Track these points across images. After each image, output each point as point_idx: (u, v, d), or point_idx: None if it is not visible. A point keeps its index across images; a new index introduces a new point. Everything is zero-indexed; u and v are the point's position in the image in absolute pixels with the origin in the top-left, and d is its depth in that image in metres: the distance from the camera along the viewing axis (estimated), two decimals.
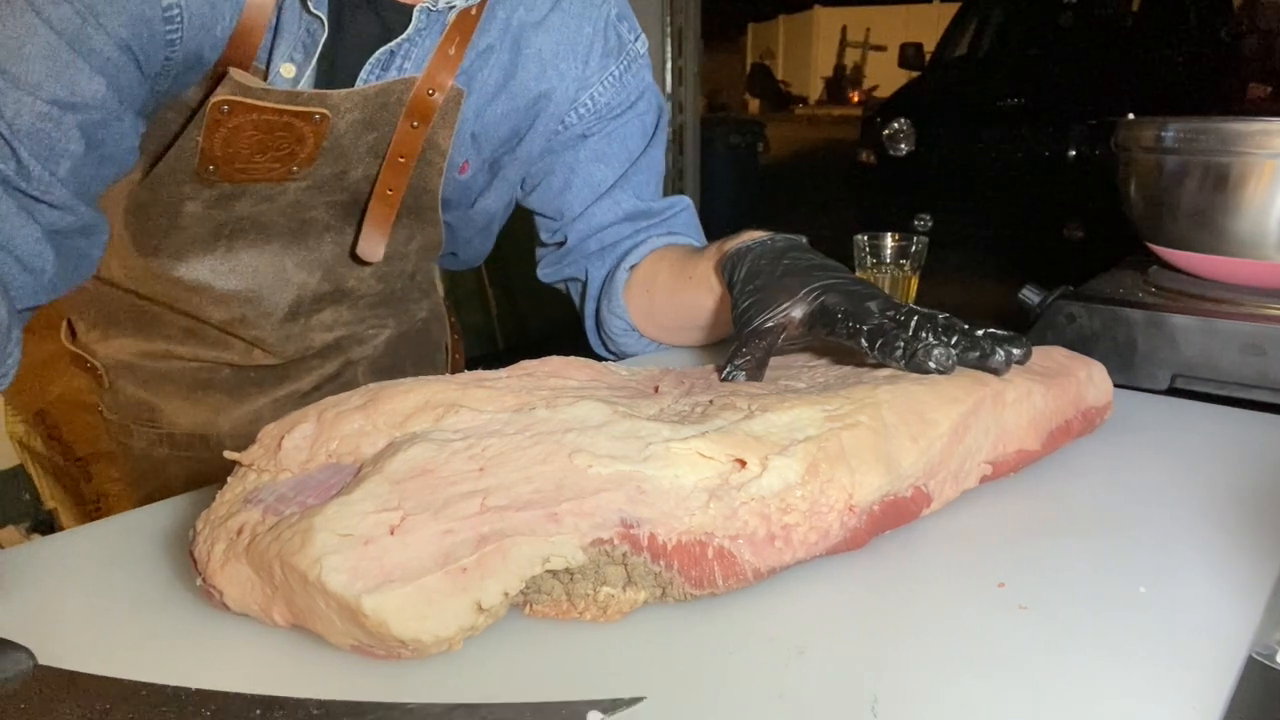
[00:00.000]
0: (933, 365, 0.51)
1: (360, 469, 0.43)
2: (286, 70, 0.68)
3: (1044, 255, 3.74)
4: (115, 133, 0.61)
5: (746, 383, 0.56)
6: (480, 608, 0.37)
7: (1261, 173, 0.80)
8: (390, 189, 0.74)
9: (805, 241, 0.64)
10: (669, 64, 3.81)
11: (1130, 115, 0.93)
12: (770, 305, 0.58)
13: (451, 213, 0.84)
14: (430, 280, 0.95)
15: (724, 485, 0.42)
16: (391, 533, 0.38)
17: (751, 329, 0.58)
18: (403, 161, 0.73)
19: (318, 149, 0.69)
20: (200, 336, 0.80)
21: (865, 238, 0.98)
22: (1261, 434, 0.62)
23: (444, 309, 0.99)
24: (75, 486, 0.87)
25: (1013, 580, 0.43)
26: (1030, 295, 0.92)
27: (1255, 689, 0.36)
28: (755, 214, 5.18)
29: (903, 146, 4.19)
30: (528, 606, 0.41)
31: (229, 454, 0.46)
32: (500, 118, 0.79)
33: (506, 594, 0.38)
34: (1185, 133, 0.85)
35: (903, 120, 4.20)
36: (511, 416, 0.46)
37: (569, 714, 0.32)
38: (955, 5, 4.98)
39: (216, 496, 0.44)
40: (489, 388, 0.49)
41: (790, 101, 14.99)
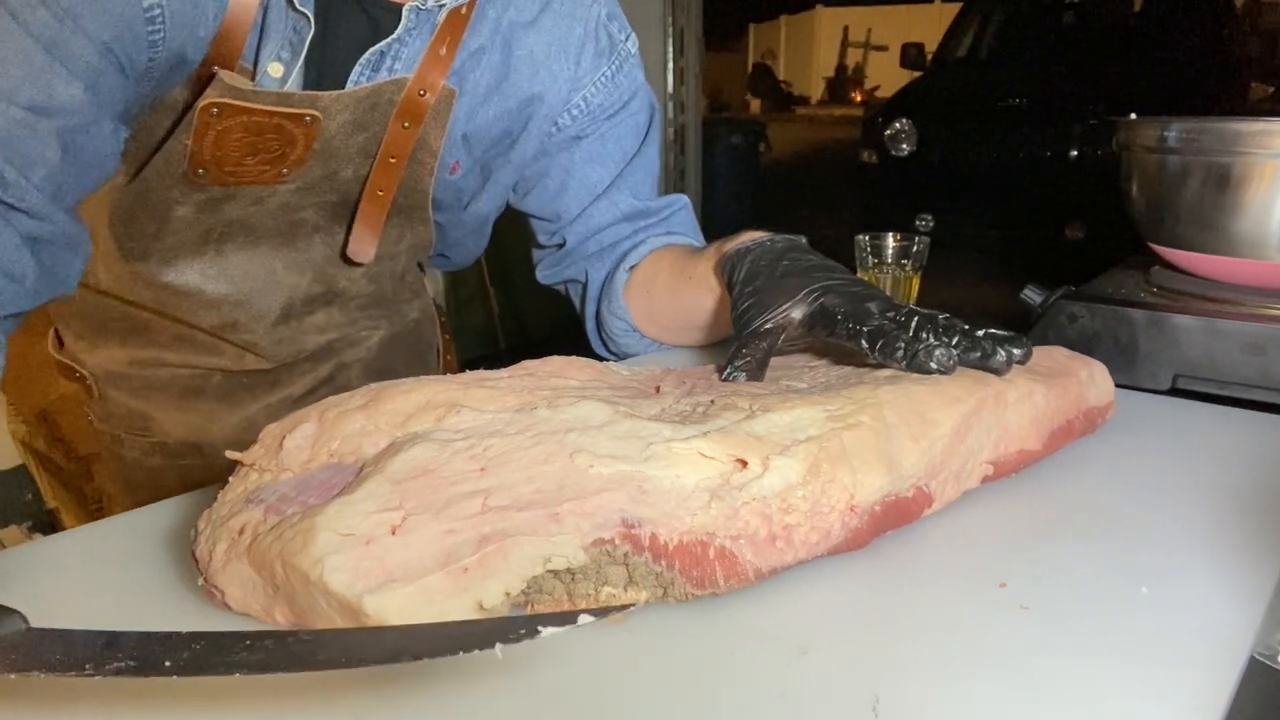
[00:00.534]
0: (934, 366, 0.51)
1: (362, 469, 0.43)
2: (274, 70, 0.67)
3: (1046, 255, 3.75)
4: (94, 139, 0.60)
5: (747, 383, 0.56)
6: (481, 607, 0.37)
7: (1263, 173, 0.80)
8: (381, 189, 0.74)
9: (805, 242, 0.64)
10: (670, 64, 3.80)
11: (1132, 115, 0.92)
12: (770, 306, 0.58)
13: (443, 213, 0.84)
14: (420, 281, 0.94)
15: (725, 485, 0.42)
16: (393, 532, 0.38)
17: (751, 330, 0.58)
18: (394, 162, 0.72)
19: (308, 151, 0.69)
20: (190, 342, 0.80)
21: (867, 238, 0.98)
22: (1263, 434, 0.62)
23: (434, 310, 0.99)
24: (77, 486, 0.87)
25: (1014, 580, 0.43)
26: (1032, 295, 0.92)
27: (1257, 690, 0.36)
28: (756, 214, 5.18)
29: (904, 147, 4.19)
30: (529, 606, 0.41)
31: (230, 454, 0.46)
32: (492, 119, 0.78)
33: (508, 594, 0.38)
34: (1187, 133, 0.85)
35: (904, 120, 4.20)
36: (513, 416, 0.46)
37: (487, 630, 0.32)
38: (957, 5, 4.98)
39: (218, 496, 0.45)
40: (490, 388, 0.49)
41: (792, 102, 14.98)
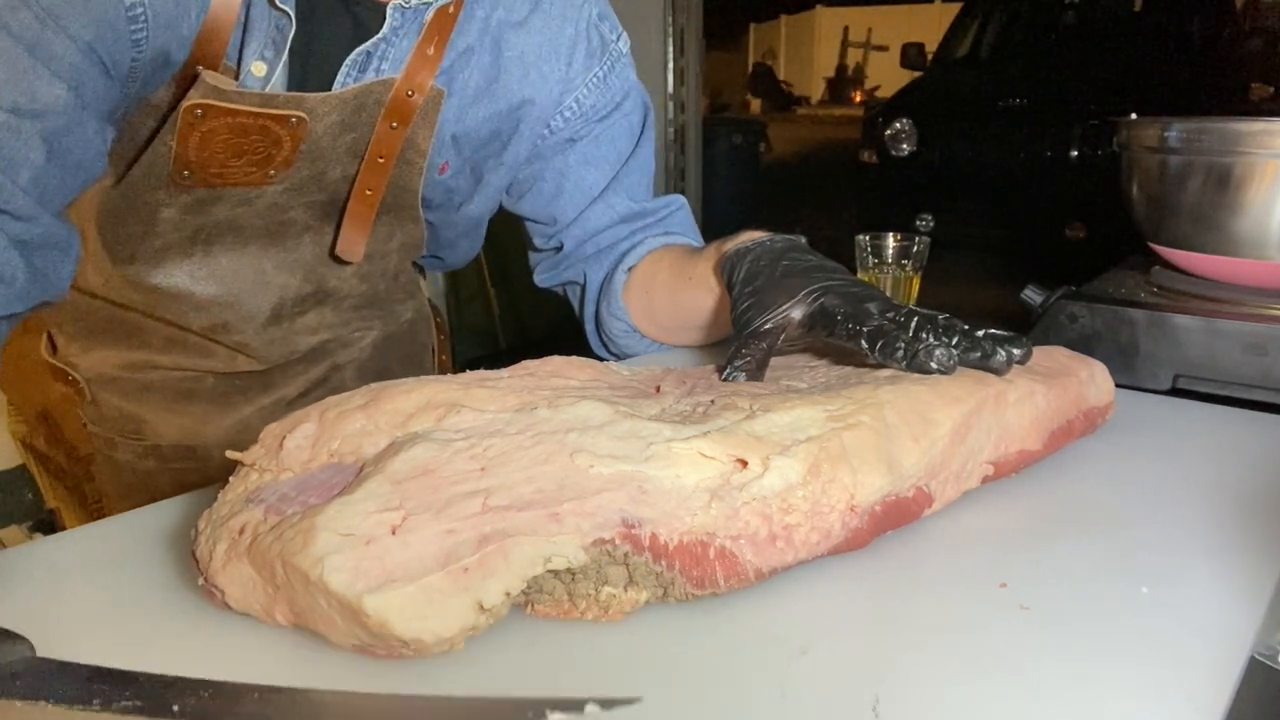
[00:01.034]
0: (934, 366, 0.51)
1: (362, 469, 0.43)
2: (257, 69, 0.66)
3: (1046, 255, 3.74)
4: (79, 140, 0.59)
5: (748, 383, 0.56)
6: (482, 607, 0.37)
7: (1264, 173, 0.80)
8: (369, 189, 0.73)
9: (804, 242, 0.64)
10: (671, 64, 3.80)
11: (1133, 115, 0.92)
12: (769, 307, 0.58)
13: (434, 213, 0.83)
14: (415, 281, 0.94)
15: (725, 485, 0.42)
16: (393, 532, 0.38)
17: (751, 330, 0.58)
18: (382, 162, 0.72)
19: (295, 152, 0.68)
20: (182, 344, 0.79)
21: (867, 238, 0.98)
22: (1264, 434, 0.62)
23: (429, 310, 0.98)
24: (77, 486, 0.87)
25: (1014, 581, 0.43)
26: (1032, 295, 0.92)
27: (1257, 690, 0.36)
28: (757, 214, 5.18)
29: (904, 147, 4.18)
30: (529, 606, 0.41)
31: (231, 454, 0.46)
32: (482, 121, 0.78)
33: (508, 594, 0.38)
34: (1188, 133, 0.85)
35: (904, 120, 4.20)
36: (513, 416, 0.46)
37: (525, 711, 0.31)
38: (957, 5, 4.98)
39: (218, 496, 0.44)
40: (491, 387, 0.49)
41: (792, 101, 14.97)
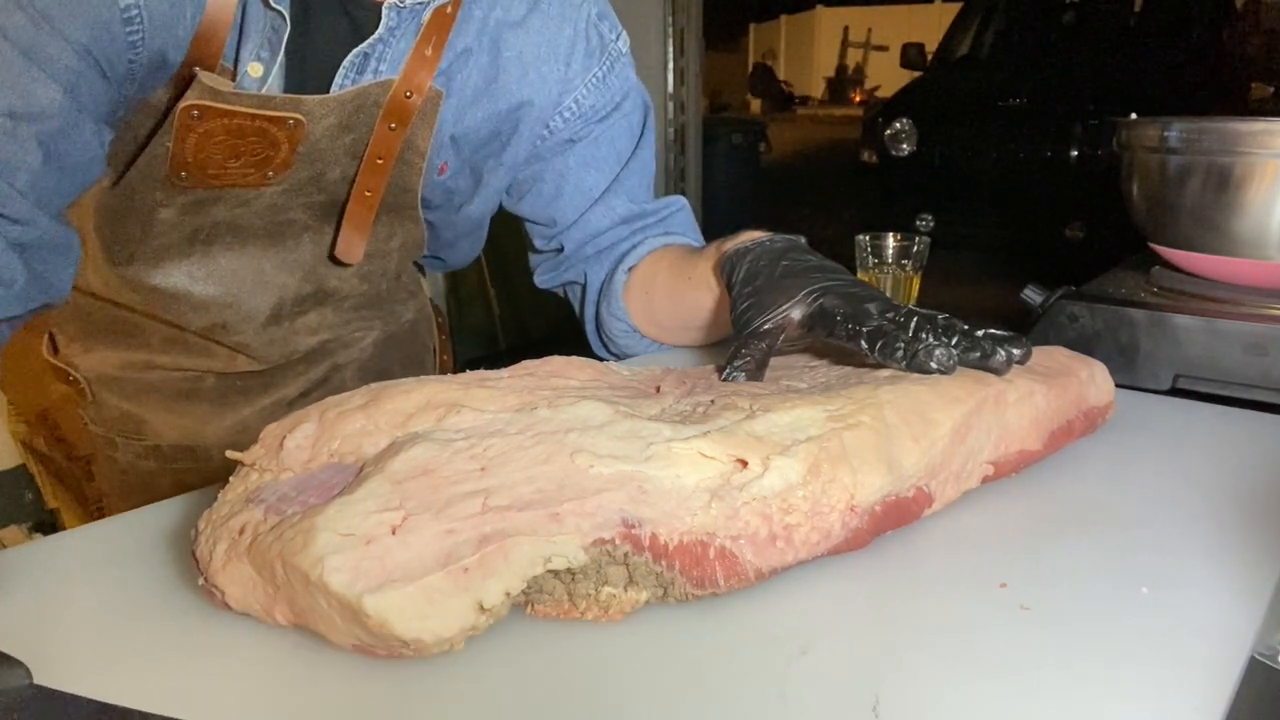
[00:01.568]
0: (934, 366, 0.51)
1: (362, 469, 0.43)
2: (254, 70, 0.66)
3: (1046, 255, 3.75)
4: (76, 142, 0.59)
5: (748, 383, 0.56)
6: (482, 607, 0.37)
7: (1264, 173, 0.80)
8: (368, 190, 0.73)
9: (804, 242, 0.64)
10: (670, 64, 3.80)
11: (1133, 115, 0.92)
12: (769, 307, 0.58)
13: (434, 213, 0.83)
14: (416, 281, 0.94)
15: (725, 485, 0.42)
16: (393, 532, 0.38)
17: (750, 330, 0.58)
18: (380, 163, 0.72)
19: (293, 154, 0.68)
20: (182, 345, 0.79)
21: (867, 238, 0.98)
22: (1264, 434, 0.62)
23: (431, 310, 0.98)
24: (77, 486, 0.87)
25: (1014, 581, 0.43)
26: (1032, 295, 0.92)
27: (1257, 690, 0.36)
28: (757, 214, 5.18)
29: (904, 147, 4.19)
30: (529, 606, 0.41)
31: (231, 454, 0.46)
32: (481, 121, 0.78)
33: (508, 594, 0.38)
34: (1188, 133, 0.85)
35: (905, 120, 4.20)
36: (513, 416, 0.46)
37: None
38: (957, 5, 4.98)
39: (219, 496, 0.45)
40: (491, 387, 0.49)
41: (792, 102, 14.98)
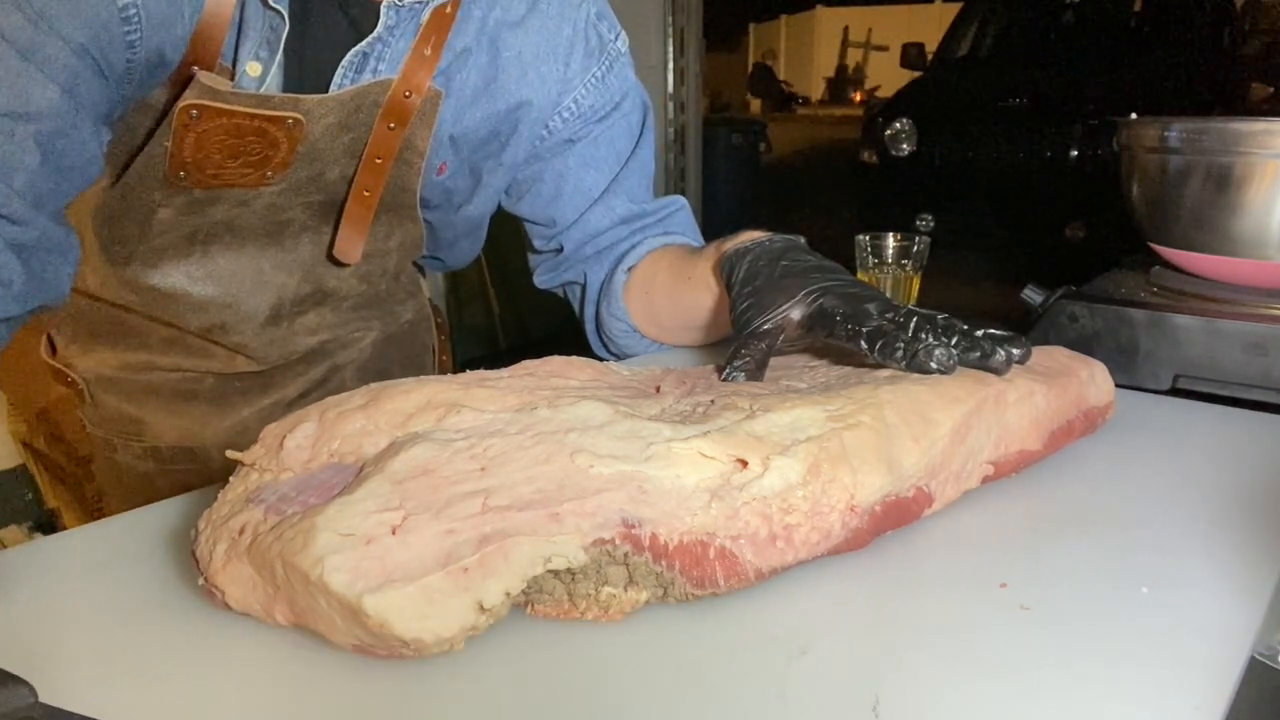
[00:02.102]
0: (934, 366, 0.51)
1: (362, 468, 0.43)
2: (252, 69, 0.66)
3: (1046, 255, 3.75)
4: (74, 143, 0.59)
5: (747, 383, 0.56)
6: (482, 607, 0.37)
7: (1264, 173, 0.80)
8: (367, 190, 0.73)
9: (804, 242, 0.64)
10: (671, 64, 3.81)
11: (1133, 115, 0.92)
12: (768, 307, 0.58)
13: (433, 213, 0.83)
14: (416, 281, 0.94)
15: (725, 485, 0.42)
16: (393, 532, 0.38)
17: (750, 330, 0.58)
18: (379, 163, 0.72)
19: (292, 154, 0.68)
20: (181, 345, 0.79)
21: (867, 238, 0.98)
22: (1264, 434, 0.62)
23: (430, 310, 0.98)
24: (77, 486, 0.87)
25: (1014, 581, 0.43)
26: (1032, 295, 0.92)
27: (1257, 690, 0.36)
28: (757, 214, 5.18)
29: (904, 147, 4.19)
30: (529, 606, 0.41)
31: (231, 453, 0.46)
32: (480, 121, 0.78)
33: (508, 594, 0.38)
34: (1188, 133, 0.85)
35: (904, 120, 4.20)
36: (513, 416, 0.46)
37: None
38: (957, 5, 4.98)
39: (218, 496, 0.44)
40: (491, 387, 0.49)
41: (792, 101, 14.98)
